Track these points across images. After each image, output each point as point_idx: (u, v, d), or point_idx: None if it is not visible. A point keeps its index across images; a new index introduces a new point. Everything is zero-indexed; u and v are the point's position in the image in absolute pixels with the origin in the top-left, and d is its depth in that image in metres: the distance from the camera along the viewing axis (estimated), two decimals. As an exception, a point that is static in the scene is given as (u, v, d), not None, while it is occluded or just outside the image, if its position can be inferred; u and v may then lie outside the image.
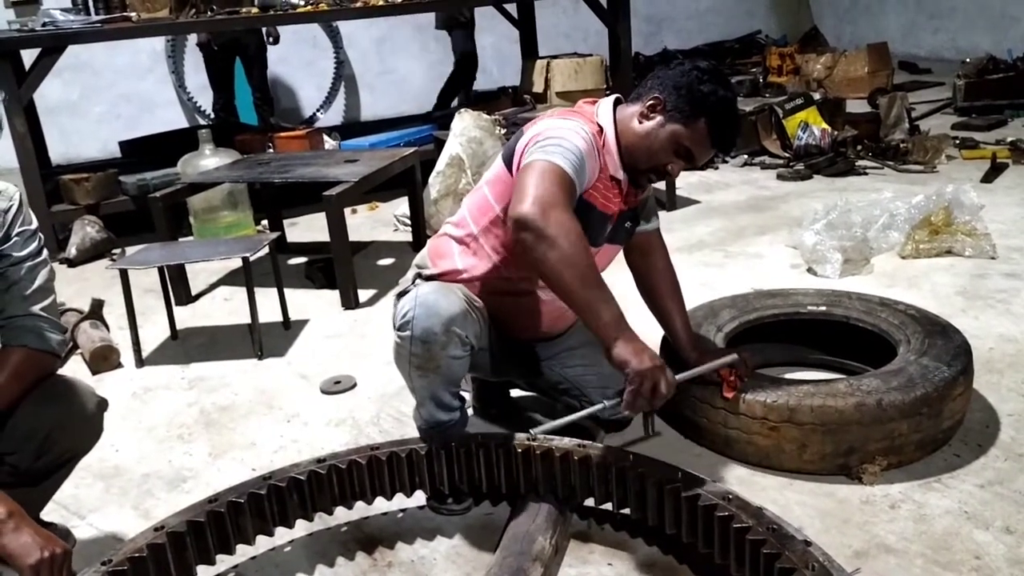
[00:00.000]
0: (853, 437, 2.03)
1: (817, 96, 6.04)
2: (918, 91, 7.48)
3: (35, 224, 1.82)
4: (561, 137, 1.85)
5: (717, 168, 5.59)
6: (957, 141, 5.51)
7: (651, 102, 1.94)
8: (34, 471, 1.81)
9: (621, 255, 2.24)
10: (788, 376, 2.44)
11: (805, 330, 2.62)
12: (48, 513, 2.03)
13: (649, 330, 2.25)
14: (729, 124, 1.96)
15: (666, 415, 2.37)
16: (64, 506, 2.19)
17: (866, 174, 5.14)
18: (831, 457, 2.06)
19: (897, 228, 3.75)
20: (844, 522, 1.94)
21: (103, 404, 1.90)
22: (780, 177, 5.24)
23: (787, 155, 5.53)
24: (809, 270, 3.57)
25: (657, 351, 2.43)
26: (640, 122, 1.96)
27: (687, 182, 5.17)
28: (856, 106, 6.34)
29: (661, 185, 4.77)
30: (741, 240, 4.14)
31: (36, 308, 1.78)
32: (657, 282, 2.28)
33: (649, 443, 2.19)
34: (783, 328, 2.62)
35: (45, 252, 1.84)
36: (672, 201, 4.75)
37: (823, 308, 2.58)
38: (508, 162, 2.00)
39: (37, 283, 1.79)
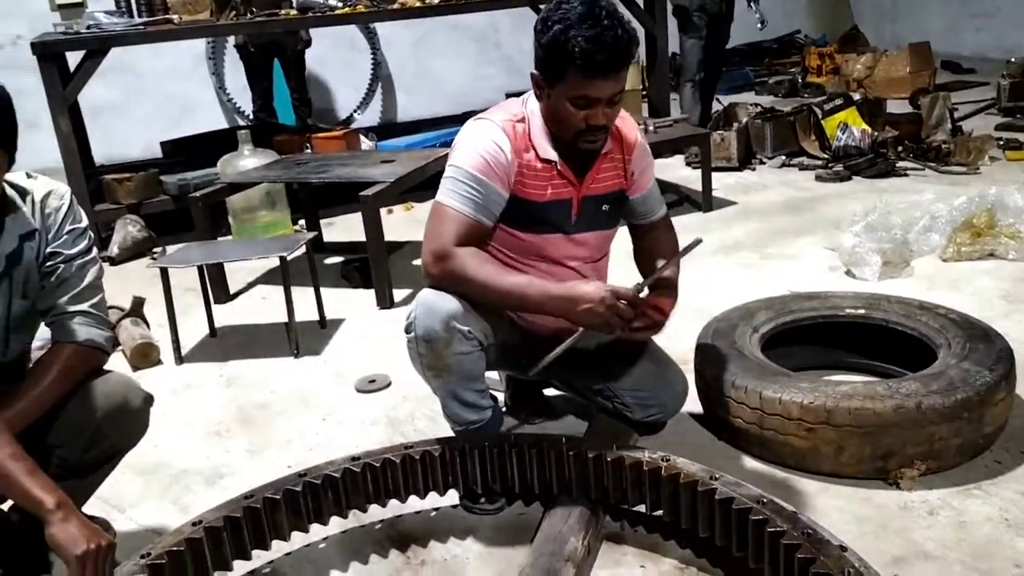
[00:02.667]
0: (891, 440, 2.00)
1: (857, 96, 5.95)
2: (961, 91, 7.32)
3: (85, 223, 1.87)
4: (458, 166, 1.95)
5: (754, 169, 5.54)
6: (1001, 142, 5.39)
7: (532, 81, 1.96)
8: (82, 464, 1.85)
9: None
10: (826, 379, 2.41)
11: (843, 333, 2.59)
12: (89, 506, 2.07)
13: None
14: (589, 50, 1.77)
15: (700, 416, 2.36)
16: (105, 500, 2.23)
17: (907, 175, 5.06)
18: (869, 461, 2.04)
19: (938, 230, 3.68)
20: (882, 528, 1.91)
21: (149, 399, 1.94)
22: (818, 178, 5.17)
23: (826, 156, 5.46)
24: (847, 272, 3.52)
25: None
26: (540, 100, 1.97)
27: (724, 183, 5.13)
28: (897, 106, 6.24)
29: (697, 186, 4.76)
30: (778, 242, 4.10)
31: (85, 305, 1.83)
32: (658, 251, 2.18)
33: (683, 445, 2.18)
34: (820, 331, 2.59)
35: (95, 251, 1.88)
36: (708, 202, 4.72)
37: (862, 311, 2.55)
38: None
39: (87, 281, 1.83)
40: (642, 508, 1.87)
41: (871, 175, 5.07)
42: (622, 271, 2.31)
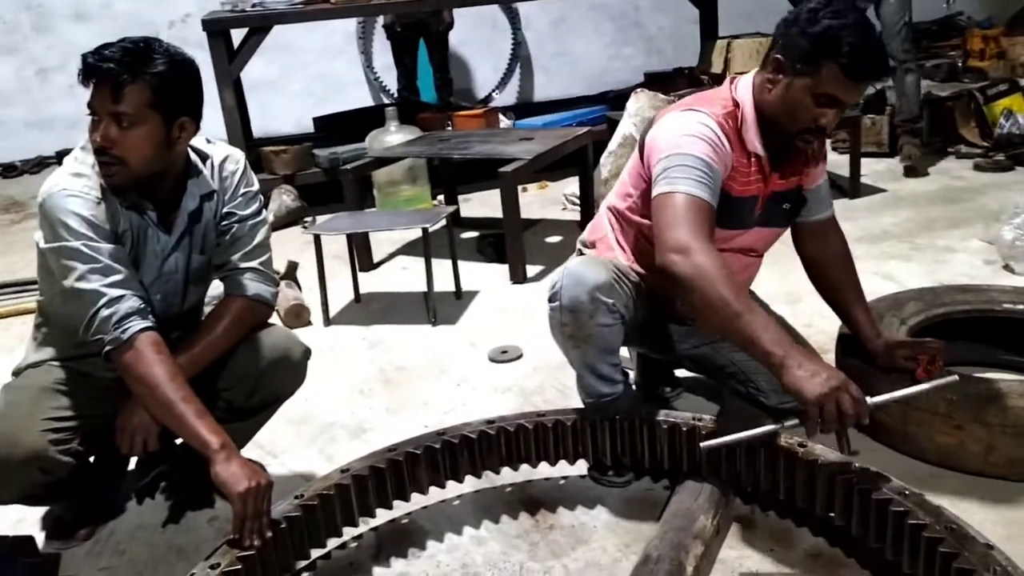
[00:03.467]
0: (1048, 444, 1.90)
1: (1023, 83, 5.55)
2: None
3: (257, 186, 2.02)
4: (684, 152, 1.83)
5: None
6: None
7: (772, 65, 1.87)
8: (246, 408, 2.02)
9: (790, 243, 2.18)
10: (976, 375, 2.30)
11: (998, 330, 2.46)
12: (247, 451, 2.24)
13: (821, 321, 2.19)
14: (861, 51, 1.76)
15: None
16: (260, 446, 2.41)
17: (1077, 167, 4.70)
18: (1021, 462, 1.94)
19: (1111, 227, 3.40)
20: (1032, 532, 1.82)
21: (308, 353, 2.09)
22: (977, 167, 4.87)
23: (986, 144, 5.13)
24: (1006, 267, 3.32)
25: (833, 344, 2.37)
26: (769, 89, 1.89)
27: (873, 169, 4.92)
28: (1072, 93, 5.77)
29: (844, 171, 4.58)
30: (930, 232, 3.90)
31: (255, 263, 1.99)
32: (831, 270, 2.18)
33: (817, 435, 2.14)
34: (974, 326, 2.46)
35: (264, 212, 2.04)
36: (856, 189, 4.54)
37: (1021, 307, 2.41)
38: (641, 149, 2.01)
39: (256, 240, 1.99)
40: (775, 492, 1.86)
41: (1036, 165, 4.75)
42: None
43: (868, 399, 1.62)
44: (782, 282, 2.92)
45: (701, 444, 1.80)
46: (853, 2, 1.86)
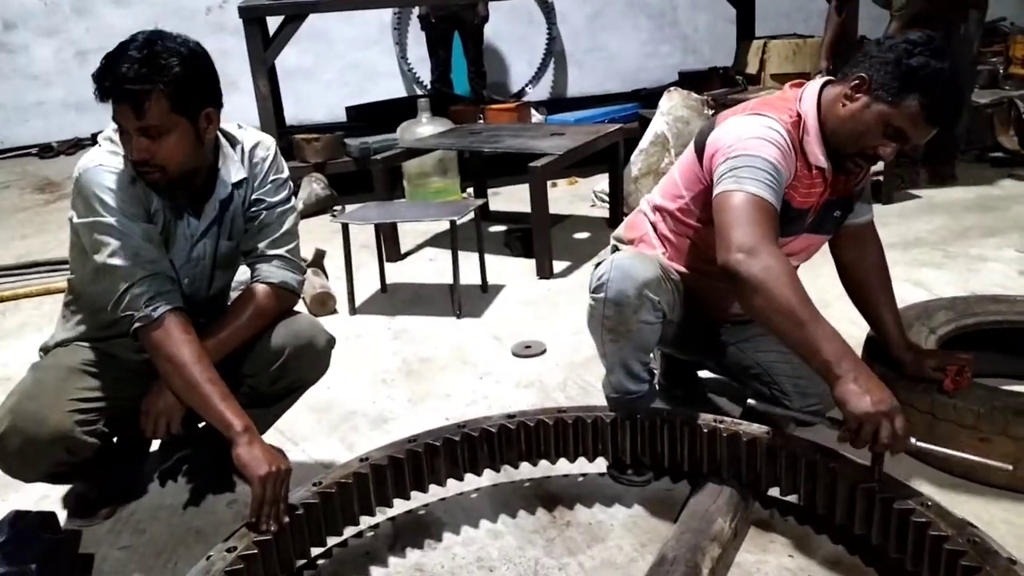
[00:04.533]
0: (1077, 459, 1.86)
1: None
2: None
3: (286, 173, 2.03)
4: (753, 154, 1.79)
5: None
6: None
7: (855, 81, 1.83)
8: (268, 394, 2.04)
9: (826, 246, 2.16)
10: (1007, 389, 2.26)
11: (1031, 342, 2.41)
12: (268, 437, 2.26)
13: (850, 328, 2.16)
14: (946, 98, 1.76)
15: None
16: (281, 432, 2.43)
17: (1120, 179, 4.60)
18: (1049, 478, 1.90)
19: None
20: (1058, 549, 1.79)
21: (332, 341, 2.10)
22: (1015, 176, 4.79)
23: (1025, 153, 5.05)
24: (1041, 278, 3.26)
25: (860, 351, 2.34)
26: (844, 104, 1.85)
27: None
28: (1117, 103, 5.64)
29: (879, 176, 4.52)
30: (964, 240, 3.84)
31: (283, 250, 2.00)
32: (866, 277, 2.15)
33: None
34: (1006, 337, 2.42)
35: (293, 200, 2.05)
36: (889, 194, 4.48)
37: (1055, 319, 2.36)
38: (700, 150, 1.98)
39: (285, 227, 2.00)
40: (794, 498, 1.84)
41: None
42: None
43: (913, 440, 1.60)
44: (811, 287, 2.82)
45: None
46: (950, 48, 1.81)
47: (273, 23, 5.06)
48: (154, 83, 1.66)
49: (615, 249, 2.24)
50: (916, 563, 1.57)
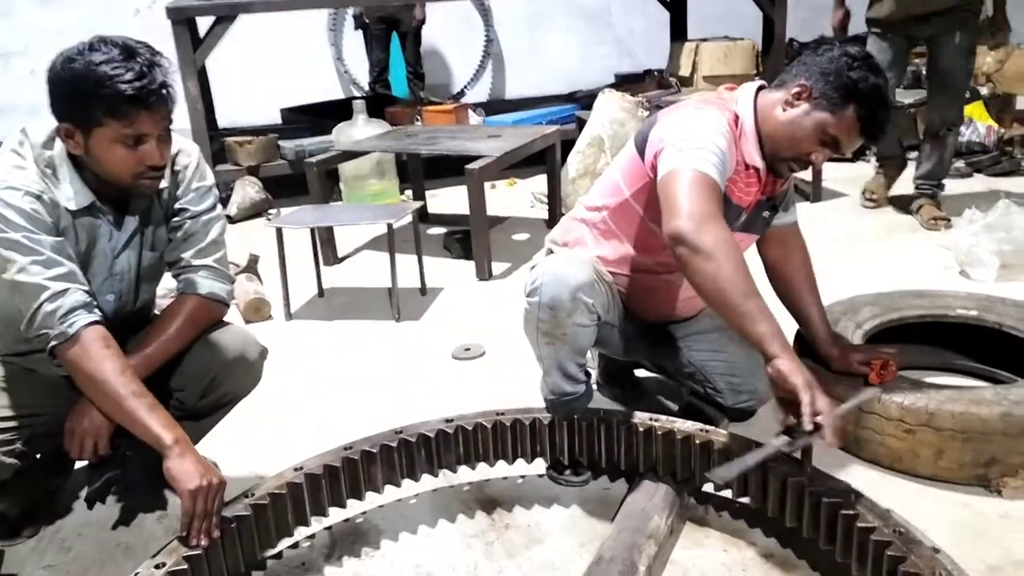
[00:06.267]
0: (996, 448, 1.93)
1: (984, 91, 5.65)
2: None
3: (211, 181, 1.97)
4: (701, 136, 1.82)
5: (868, 161, 5.34)
6: None
7: (797, 89, 1.88)
8: (198, 409, 1.97)
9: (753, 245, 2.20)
10: (930, 381, 2.34)
11: (952, 335, 2.50)
12: (200, 448, 2.21)
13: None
14: (880, 112, 1.86)
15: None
16: (214, 444, 2.37)
17: (1034, 175, 4.80)
18: (969, 467, 1.97)
19: (1066, 235, 3.48)
20: (979, 535, 1.85)
21: (264, 353, 2.05)
22: (939, 174, 4.94)
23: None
24: (962, 272, 3.38)
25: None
26: (784, 109, 1.90)
27: (833, 176, 4.98)
28: (1029, 103, 5.90)
29: (807, 175, 4.63)
30: (889, 237, 3.96)
31: (209, 260, 1.94)
32: (793, 275, 2.20)
33: (772, 434, 2.16)
34: (928, 331, 2.50)
35: (219, 208, 1.99)
36: (818, 193, 4.60)
37: (974, 313, 2.45)
38: (640, 148, 1.99)
39: (211, 236, 1.94)
40: (728, 493, 1.87)
41: (994, 173, 4.85)
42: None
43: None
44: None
45: (709, 475, 1.69)
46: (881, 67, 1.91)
47: (205, 23, 4.95)
48: (172, 81, 1.67)
49: (550, 252, 2.25)
50: (845, 554, 1.61)
